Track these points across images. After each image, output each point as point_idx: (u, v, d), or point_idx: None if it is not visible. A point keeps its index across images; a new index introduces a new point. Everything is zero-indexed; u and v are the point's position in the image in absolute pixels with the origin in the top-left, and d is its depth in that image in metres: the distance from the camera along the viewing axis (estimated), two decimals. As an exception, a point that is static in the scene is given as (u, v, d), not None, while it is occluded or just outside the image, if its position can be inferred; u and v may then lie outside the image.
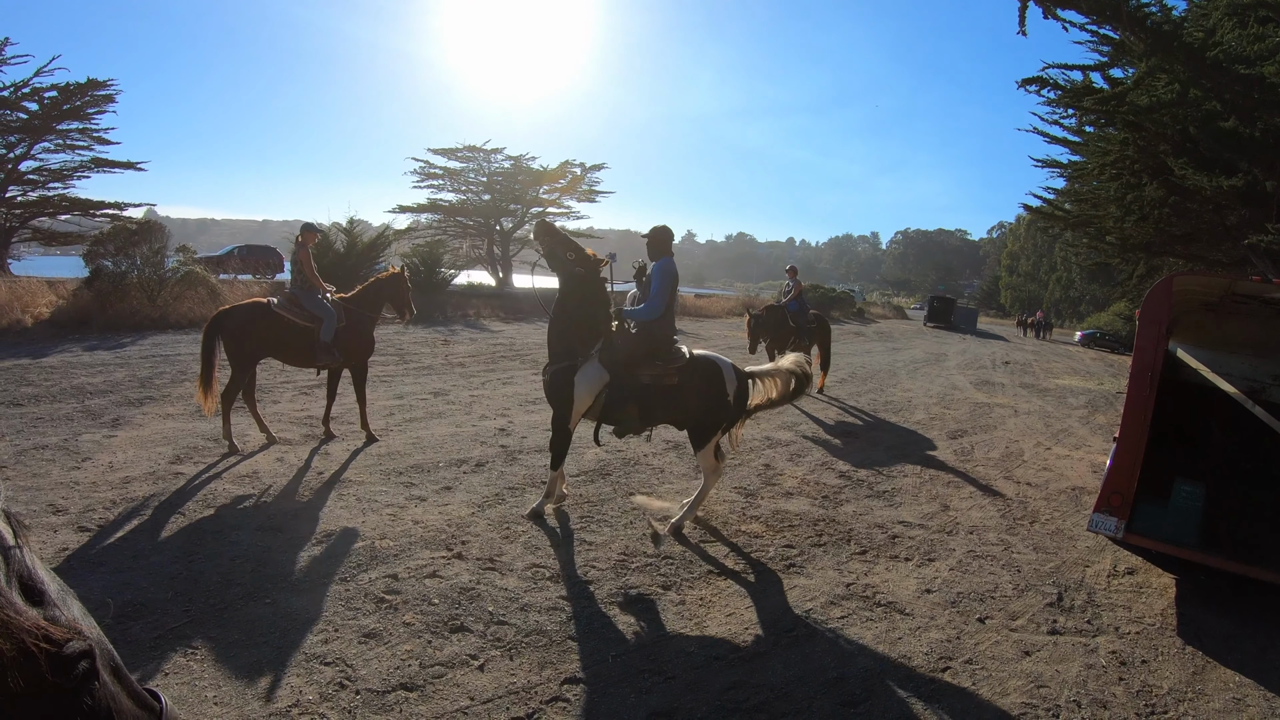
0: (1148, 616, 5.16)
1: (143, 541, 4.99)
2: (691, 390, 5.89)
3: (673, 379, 5.88)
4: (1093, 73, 17.65)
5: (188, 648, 3.77)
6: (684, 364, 5.90)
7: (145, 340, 12.57)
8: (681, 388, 5.88)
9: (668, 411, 5.99)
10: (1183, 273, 6.17)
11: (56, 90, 26.57)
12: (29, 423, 7.40)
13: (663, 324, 5.98)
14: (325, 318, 7.47)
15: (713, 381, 5.93)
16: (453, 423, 8.88)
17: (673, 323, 6.14)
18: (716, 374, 5.95)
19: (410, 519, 5.74)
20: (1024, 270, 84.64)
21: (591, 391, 5.81)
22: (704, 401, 5.89)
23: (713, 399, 5.90)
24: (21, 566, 1.03)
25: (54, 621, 1.01)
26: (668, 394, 5.90)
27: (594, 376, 5.81)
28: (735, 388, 5.97)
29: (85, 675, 1.04)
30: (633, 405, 5.88)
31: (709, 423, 5.91)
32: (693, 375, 5.91)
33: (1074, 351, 33.66)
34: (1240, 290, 5.91)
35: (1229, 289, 6.00)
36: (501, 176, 38.94)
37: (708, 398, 5.90)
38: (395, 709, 3.43)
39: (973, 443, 10.24)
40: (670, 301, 6.03)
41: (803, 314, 13.32)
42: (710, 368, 5.97)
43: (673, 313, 6.12)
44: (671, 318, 6.10)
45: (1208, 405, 7.41)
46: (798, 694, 3.83)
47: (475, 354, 14.74)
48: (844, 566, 5.54)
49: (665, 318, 6.00)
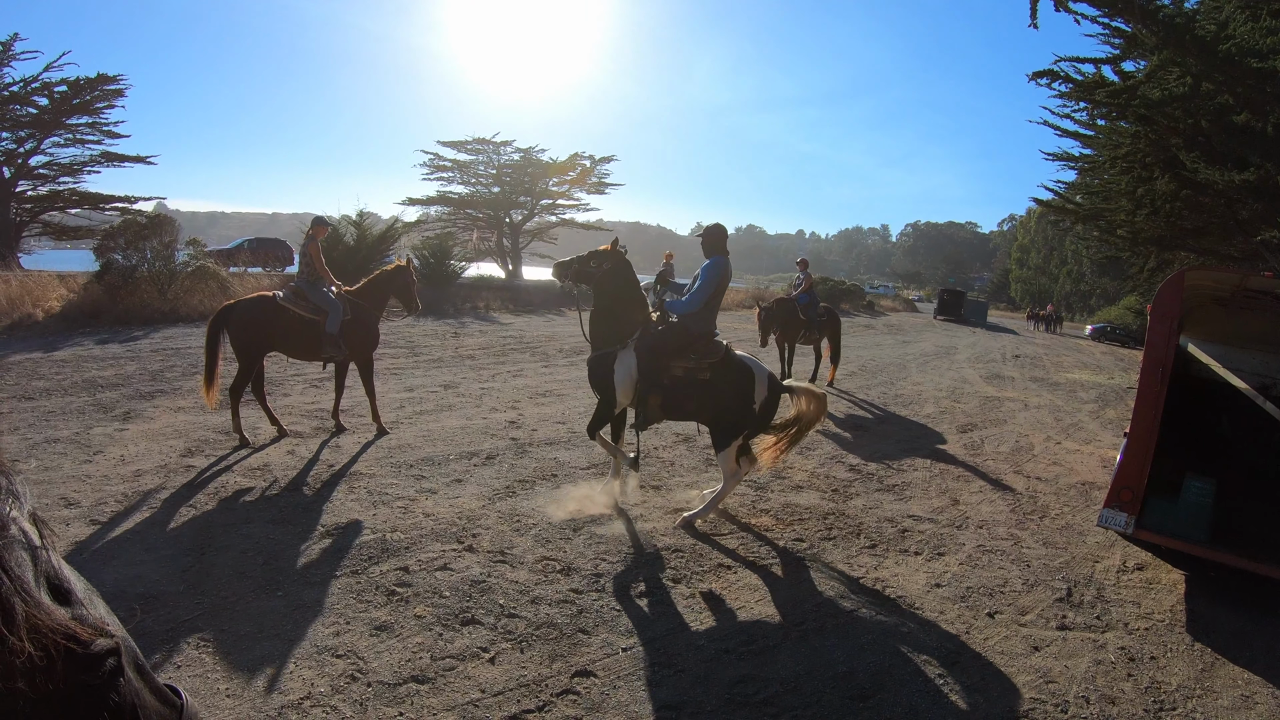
0: (1157, 612, 5.15)
1: (154, 534, 5.03)
2: (721, 389, 5.90)
3: (705, 374, 5.91)
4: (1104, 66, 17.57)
5: (200, 640, 3.80)
6: (719, 360, 5.91)
7: (156, 334, 12.63)
8: (713, 384, 5.90)
9: (696, 406, 6.00)
10: (1195, 267, 6.14)
11: (66, 85, 26.75)
12: (41, 416, 7.45)
13: (701, 319, 5.96)
14: (331, 310, 7.49)
15: (743, 384, 5.90)
16: (463, 415, 8.91)
17: (712, 320, 6.07)
18: (749, 377, 5.92)
19: (421, 512, 5.77)
20: (1034, 263, 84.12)
21: (631, 377, 5.93)
22: (731, 402, 5.88)
23: (739, 401, 5.88)
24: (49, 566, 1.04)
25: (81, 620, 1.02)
26: (699, 389, 5.93)
27: (630, 364, 5.94)
28: (765, 397, 5.92)
29: (112, 673, 1.05)
30: (656, 395, 5.94)
31: (732, 424, 5.88)
32: (726, 373, 5.91)
33: (1084, 345, 33.48)
34: (1252, 285, 5.87)
35: (1241, 284, 5.96)
36: (511, 169, 38.87)
37: (734, 399, 5.88)
38: (406, 701, 3.45)
39: (983, 437, 10.21)
40: (713, 298, 6.01)
41: (813, 307, 13.29)
42: (744, 370, 5.95)
43: (714, 310, 6.07)
44: (711, 315, 6.04)
45: (1218, 401, 7.36)
46: (807, 687, 3.83)
47: (485, 346, 14.76)
48: (854, 560, 5.54)
49: (705, 314, 5.98)
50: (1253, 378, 6.85)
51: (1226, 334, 7.36)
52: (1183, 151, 16.02)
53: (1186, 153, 15.91)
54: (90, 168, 28.58)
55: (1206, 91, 14.95)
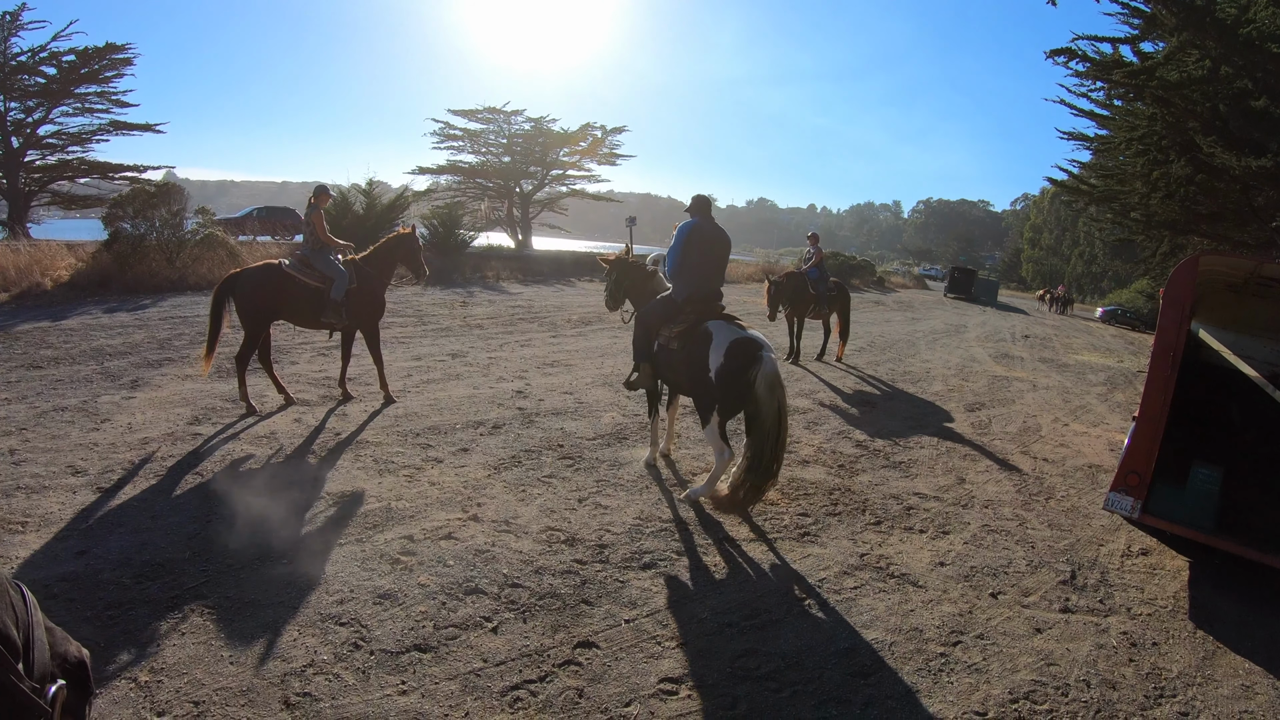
0: (1160, 599, 5.13)
1: (161, 502, 5.06)
2: (683, 358, 5.75)
3: (672, 344, 5.86)
4: (1122, 46, 17.35)
5: (204, 607, 3.83)
6: (686, 329, 5.78)
7: (164, 302, 12.64)
8: (678, 354, 5.81)
9: (675, 378, 6.01)
10: (1209, 252, 6.06)
11: (74, 54, 26.73)
12: (49, 385, 7.48)
13: (683, 285, 5.90)
14: (336, 277, 7.47)
15: (700, 351, 5.57)
16: (470, 384, 8.91)
17: (699, 286, 5.90)
18: (705, 344, 5.55)
19: (426, 480, 5.78)
20: (1046, 244, 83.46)
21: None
22: (690, 372, 5.67)
23: (696, 371, 5.60)
24: None
25: None
26: (670, 359, 5.91)
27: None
28: (719, 364, 5.40)
29: None
30: (647, 364, 6.07)
31: (699, 398, 5.70)
32: (687, 342, 5.73)
33: (1094, 327, 33.27)
34: (1266, 273, 5.79)
35: (1255, 271, 5.88)
36: (521, 138, 38.69)
37: (692, 369, 5.64)
38: (409, 670, 3.47)
39: (990, 416, 10.17)
40: (685, 262, 5.93)
41: (823, 281, 13.23)
42: (703, 337, 5.60)
43: (698, 276, 5.92)
44: (695, 281, 5.90)
45: (1228, 388, 7.30)
46: (808, 663, 3.84)
47: (493, 316, 14.74)
48: (858, 537, 5.54)
49: (687, 280, 5.90)
50: (1264, 366, 6.78)
51: (1238, 321, 7.29)
52: (1200, 135, 15.82)
53: (1203, 136, 15.71)
54: (99, 137, 28.58)
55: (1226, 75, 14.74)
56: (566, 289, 21.10)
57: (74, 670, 1.38)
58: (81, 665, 1.39)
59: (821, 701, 3.55)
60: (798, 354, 12.92)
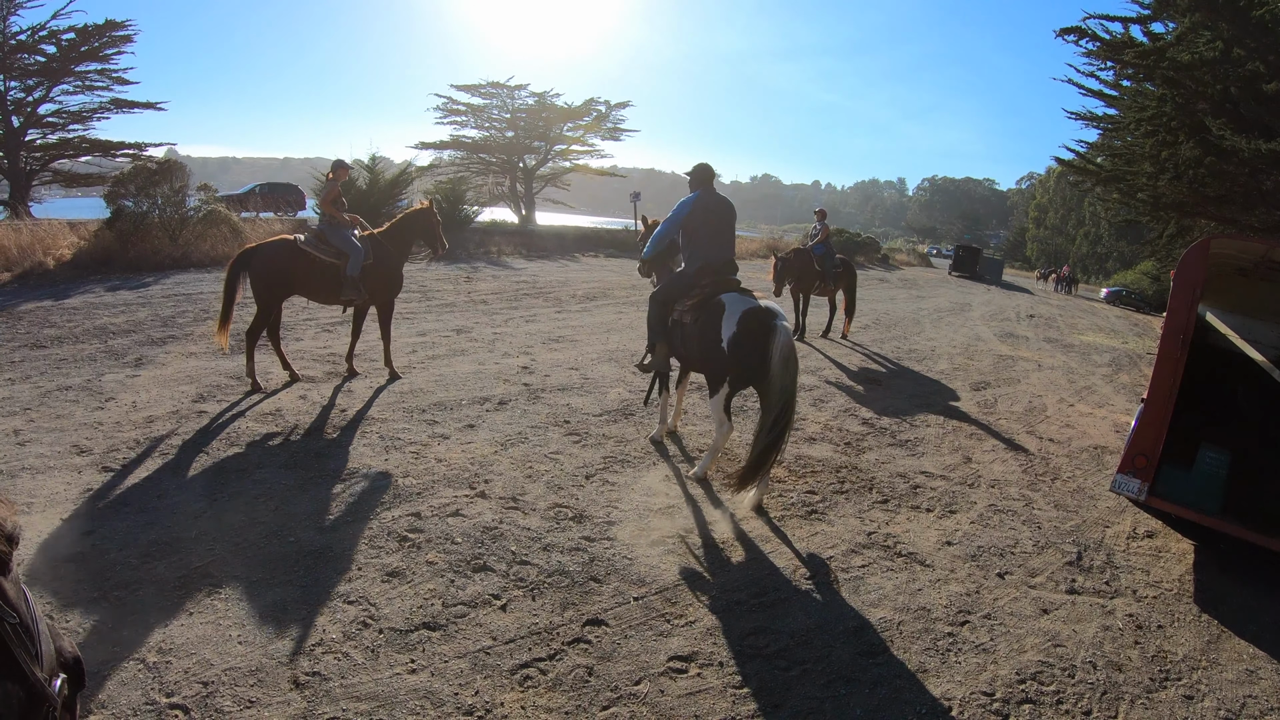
0: (1165, 581, 5.13)
1: (167, 480, 5.05)
2: (695, 330, 5.68)
3: (686, 317, 5.80)
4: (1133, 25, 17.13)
5: (211, 586, 3.83)
6: (698, 302, 5.71)
7: (167, 279, 12.59)
8: (691, 326, 5.75)
9: (687, 352, 5.94)
10: (1220, 235, 6.00)
11: (74, 32, 26.40)
12: (52, 364, 7.46)
13: (693, 257, 5.85)
14: (352, 253, 7.41)
15: (712, 321, 5.51)
16: (475, 360, 8.90)
17: (710, 256, 5.82)
18: (717, 314, 5.49)
19: (433, 457, 5.78)
20: (1051, 223, 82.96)
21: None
22: (702, 343, 5.61)
23: (709, 342, 5.53)
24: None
25: None
26: (683, 333, 5.86)
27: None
28: (732, 334, 5.33)
29: None
30: (663, 344, 6.05)
31: (713, 370, 5.64)
32: (700, 314, 5.66)
33: (1099, 308, 33.12)
34: (1277, 258, 5.74)
35: (1266, 255, 5.82)
36: (525, 113, 38.31)
37: (705, 340, 5.57)
38: (418, 648, 3.48)
39: (996, 395, 10.14)
40: (677, 236, 6.02)
41: (829, 258, 13.19)
42: (715, 308, 5.54)
43: (711, 246, 5.85)
44: (706, 251, 5.83)
45: (1235, 371, 7.27)
46: (817, 642, 3.85)
47: (498, 291, 14.68)
48: (865, 515, 5.54)
49: (697, 251, 5.84)
50: (1270, 350, 6.75)
51: (1246, 305, 7.24)
52: (1209, 117, 15.65)
53: (1213, 119, 15.54)
54: (100, 115, 28.33)
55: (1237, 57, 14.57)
56: (571, 264, 21.01)
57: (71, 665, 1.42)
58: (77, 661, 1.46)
59: (831, 680, 3.55)
60: (803, 330, 12.89)
